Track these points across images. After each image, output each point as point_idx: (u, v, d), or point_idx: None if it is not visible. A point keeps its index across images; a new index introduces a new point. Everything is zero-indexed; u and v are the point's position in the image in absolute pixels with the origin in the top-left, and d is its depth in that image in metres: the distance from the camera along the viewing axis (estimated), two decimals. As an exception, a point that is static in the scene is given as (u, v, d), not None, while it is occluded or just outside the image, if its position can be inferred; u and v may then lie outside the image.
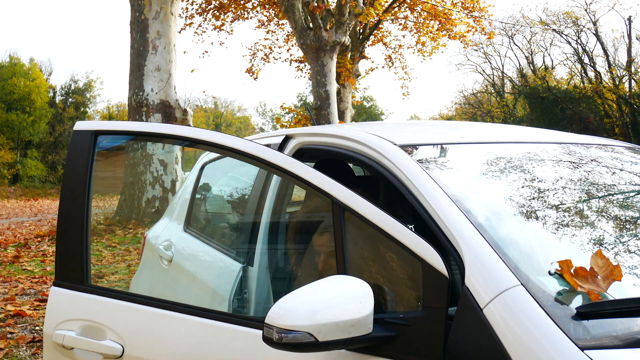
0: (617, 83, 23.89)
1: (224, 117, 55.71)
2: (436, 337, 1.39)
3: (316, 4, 11.56)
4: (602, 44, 25.60)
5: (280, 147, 2.27)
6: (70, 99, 38.63)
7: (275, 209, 2.25)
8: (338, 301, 1.31)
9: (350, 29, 12.17)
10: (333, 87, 11.62)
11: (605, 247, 1.55)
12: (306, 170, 1.64)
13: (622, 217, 1.76)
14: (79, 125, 2.00)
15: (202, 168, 3.27)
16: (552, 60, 37.93)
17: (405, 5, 17.31)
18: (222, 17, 17.98)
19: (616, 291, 1.32)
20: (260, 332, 1.40)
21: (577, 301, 1.30)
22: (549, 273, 1.38)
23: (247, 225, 2.56)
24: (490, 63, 36.12)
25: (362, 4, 12.61)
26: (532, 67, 30.53)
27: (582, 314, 1.25)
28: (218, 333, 1.70)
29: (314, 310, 1.28)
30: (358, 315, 1.32)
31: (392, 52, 19.23)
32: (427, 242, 1.45)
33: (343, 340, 1.30)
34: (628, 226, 1.72)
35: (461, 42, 18.15)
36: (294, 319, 1.26)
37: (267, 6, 17.67)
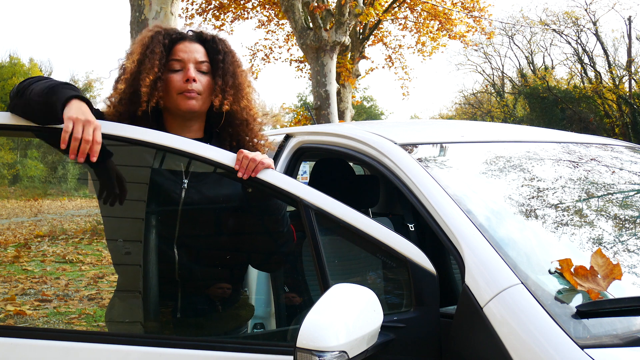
0: (617, 83, 23.85)
1: (224, 117, 55.41)
2: (432, 336, 1.39)
3: (316, 4, 11.55)
4: (602, 44, 25.57)
5: (281, 146, 2.27)
6: (70, 99, 38.58)
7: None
8: (359, 314, 1.27)
9: (350, 29, 12.16)
10: (333, 87, 11.60)
11: (605, 246, 1.55)
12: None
13: (622, 216, 1.76)
14: None
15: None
16: (552, 60, 37.93)
17: (405, 5, 17.28)
18: (222, 17, 17.95)
19: (616, 290, 1.32)
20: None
21: (577, 300, 1.30)
22: (549, 272, 1.38)
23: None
24: (490, 63, 36.11)
25: (362, 4, 12.60)
26: (532, 67, 30.47)
27: (582, 313, 1.25)
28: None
29: (343, 327, 1.22)
30: (377, 324, 1.30)
31: (392, 52, 19.19)
32: (410, 240, 1.44)
33: (364, 351, 1.27)
34: (628, 225, 1.72)
35: (461, 42, 18.11)
36: (327, 339, 1.19)
37: (267, 6, 17.63)
